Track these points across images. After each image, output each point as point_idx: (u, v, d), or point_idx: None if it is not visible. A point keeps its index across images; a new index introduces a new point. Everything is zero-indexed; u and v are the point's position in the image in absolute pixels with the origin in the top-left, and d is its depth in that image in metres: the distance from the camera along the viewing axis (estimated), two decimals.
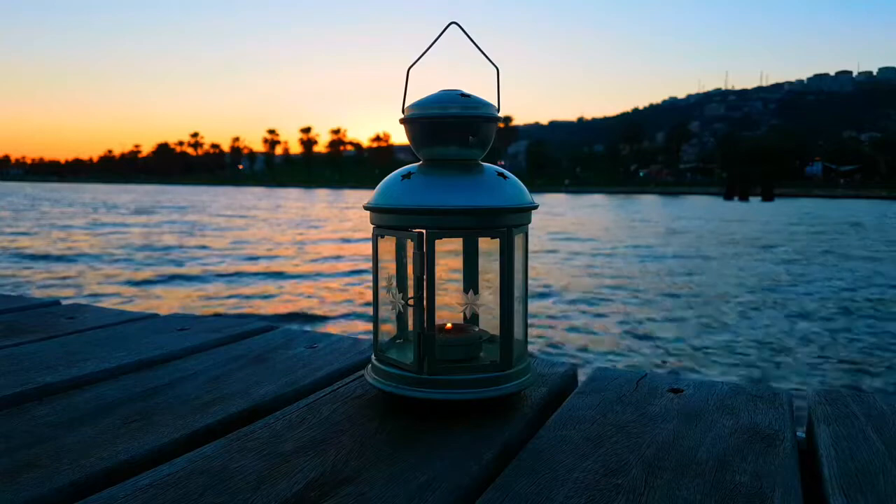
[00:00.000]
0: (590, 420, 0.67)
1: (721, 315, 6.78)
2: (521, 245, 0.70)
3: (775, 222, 22.21)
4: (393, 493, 0.51)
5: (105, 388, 0.75)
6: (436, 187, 0.68)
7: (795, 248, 13.67)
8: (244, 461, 0.57)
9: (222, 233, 16.04)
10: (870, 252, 13.04)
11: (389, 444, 0.61)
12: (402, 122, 0.72)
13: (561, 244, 13.51)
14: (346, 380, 0.79)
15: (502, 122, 0.76)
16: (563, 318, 6.44)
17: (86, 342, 0.94)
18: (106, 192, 54.37)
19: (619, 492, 0.52)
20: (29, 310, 1.17)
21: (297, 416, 0.67)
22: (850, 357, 5.21)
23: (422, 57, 0.71)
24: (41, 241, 12.88)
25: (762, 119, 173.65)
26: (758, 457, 0.59)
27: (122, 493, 0.51)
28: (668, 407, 0.71)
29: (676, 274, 9.70)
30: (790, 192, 61.24)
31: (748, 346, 5.56)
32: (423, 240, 0.66)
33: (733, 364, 4.99)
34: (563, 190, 76.30)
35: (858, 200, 50.85)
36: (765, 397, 0.74)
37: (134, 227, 17.23)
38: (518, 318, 0.70)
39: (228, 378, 0.79)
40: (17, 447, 0.59)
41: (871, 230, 17.52)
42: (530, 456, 0.58)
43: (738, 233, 17.30)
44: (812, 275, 9.81)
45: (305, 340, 0.96)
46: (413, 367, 0.67)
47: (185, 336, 0.98)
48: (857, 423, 0.66)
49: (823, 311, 7.10)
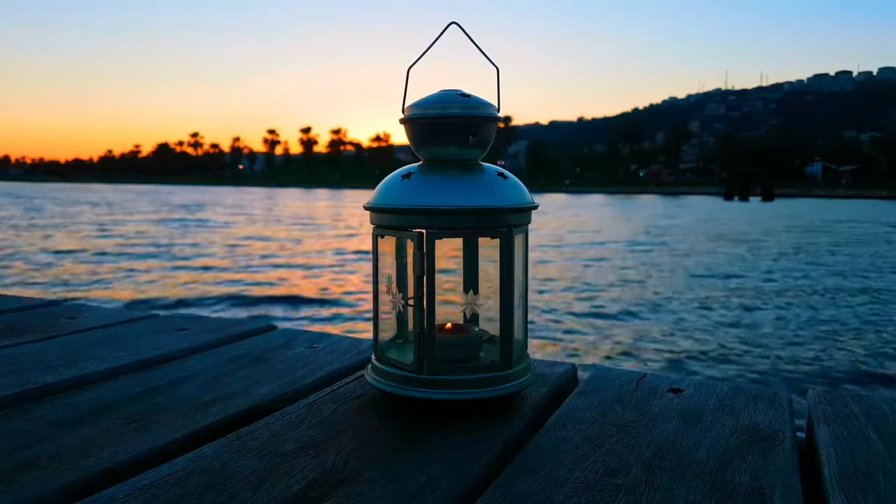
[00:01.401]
0: (590, 420, 0.67)
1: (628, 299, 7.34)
2: (521, 245, 0.70)
3: (762, 221, 22.53)
4: (393, 493, 0.51)
5: (105, 388, 0.75)
6: (436, 187, 0.68)
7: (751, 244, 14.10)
8: (244, 461, 0.57)
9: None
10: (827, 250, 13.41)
11: (389, 444, 0.61)
12: (402, 122, 0.72)
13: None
14: (346, 380, 0.79)
15: (502, 122, 0.76)
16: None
17: (86, 342, 0.94)
18: (137, 191, 53.66)
19: (619, 492, 0.52)
20: (29, 310, 1.17)
21: (297, 416, 0.67)
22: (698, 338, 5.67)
23: (422, 57, 0.71)
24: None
25: (762, 119, 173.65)
26: (758, 457, 0.59)
27: (123, 493, 0.51)
28: (668, 407, 0.71)
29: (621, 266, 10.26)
30: (790, 193, 61.27)
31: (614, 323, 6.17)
32: (423, 240, 0.66)
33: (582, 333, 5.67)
34: (563, 190, 76.31)
35: (859, 200, 50.89)
36: (765, 397, 0.74)
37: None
38: (518, 318, 0.70)
39: (228, 378, 0.79)
40: (17, 447, 0.59)
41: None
42: (530, 456, 0.58)
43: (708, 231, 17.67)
44: (750, 268, 10.26)
45: (305, 340, 0.96)
46: (413, 367, 0.67)
47: (185, 336, 0.98)
48: (857, 423, 0.66)
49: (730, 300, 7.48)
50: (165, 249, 11.79)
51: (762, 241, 14.93)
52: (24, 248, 11.64)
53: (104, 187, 73.70)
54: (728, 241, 14.52)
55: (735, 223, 20.88)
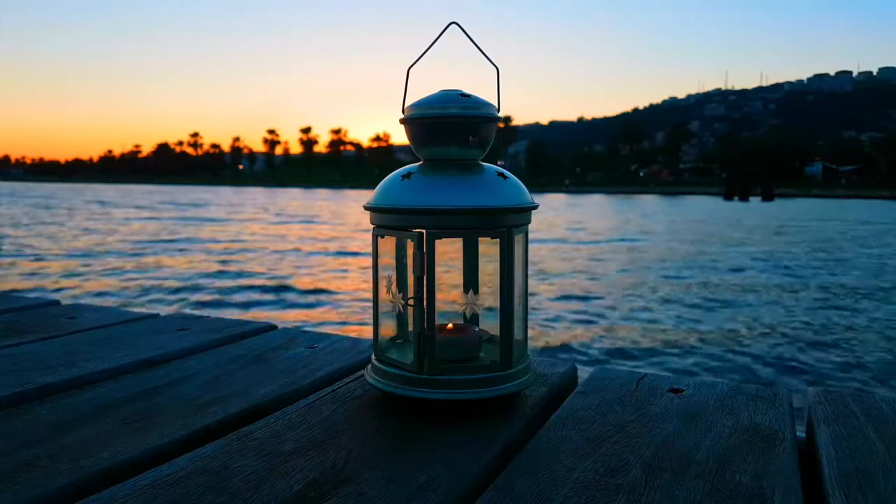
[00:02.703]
0: (590, 420, 0.67)
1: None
2: (521, 245, 0.70)
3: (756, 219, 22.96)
4: (393, 493, 0.51)
5: (105, 388, 0.75)
6: (436, 187, 0.68)
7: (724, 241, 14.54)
8: (244, 461, 0.57)
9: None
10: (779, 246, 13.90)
11: (389, 444, 0.61)
12: (402, 122, 0.72)
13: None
14: (345, 380, 0.79)
15: (502, 122, 0.76)
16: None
17: (86, 342, 0.94)
18: (155, 192, 53.38)
19: (619, 492, 0.52)
20: (29, 310, 1.17)
21: (297, 417, 0.67)
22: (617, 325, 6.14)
23: (422, 57, 0.71)
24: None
25: (762, 119, 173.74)
26: (758, 457, 0.58)
27: (123, 493, 0.51)
28: (668, 407, 0.71)
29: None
30: (790, 192, 61.29)
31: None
32: (423, 240, 0.66)
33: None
34: (563, 190, 76.28)
35: (859, 200, 50.91)
36: (765, 397, 0.74)
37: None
38: (518, 318, 0.70)
39: (228, 378, 0.79)
40: (17, 447, 0.59)
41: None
42: (530, 456, 0.58)
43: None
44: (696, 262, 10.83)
45: (305, 340, 0.96)
46: (413, 367, 0.67)
47: (185, 336, 0.98)
48: (857, 423, 0.66)
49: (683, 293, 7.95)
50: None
51: (739, 239, 15.37)
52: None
53: (104, 187, 73.61)
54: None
55: (723, 222, 21.21)
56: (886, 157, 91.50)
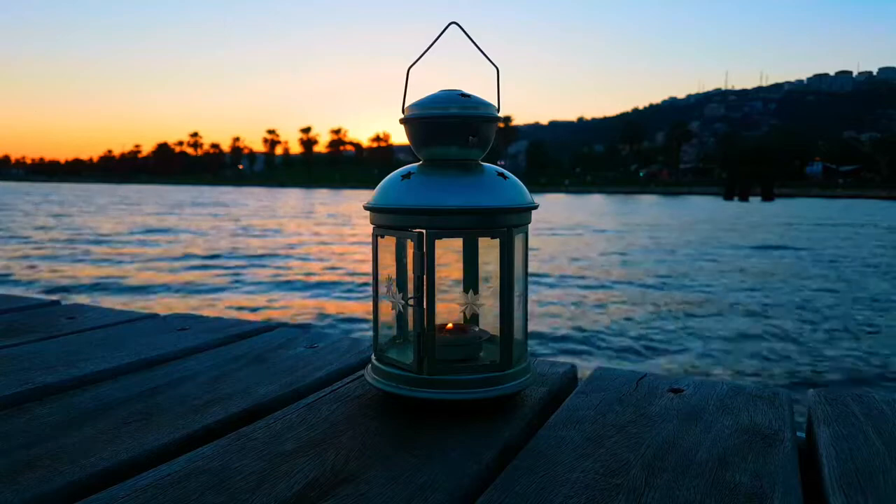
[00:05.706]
0: (590, 420, 0.67)
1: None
2: (520, 245, 0.70)
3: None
4: (393, 493, 0.51)
5: (105, 388, 0.75)
6: (436, 187, 0.68)
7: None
8: (244, 461, 0.57)
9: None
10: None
11: (389, 444, 0.61)
12: (402, 122, 0.72)
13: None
14: (346, 380, 0.79)
15: (502, 122, 0.76)
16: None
17: (86, 342, 0.94)
18: (165, 193, 52.92)
19: (619, 492, 0.52)
20: (29, 310, 1.17)
21: (297, 417, 0.67)
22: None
23: (422, 57, 0.71)
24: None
25: (762, 119, 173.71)
26: (758, 457, 0.58)
27: (122, 493, 0.51)
28: (668, 407, 0.71)
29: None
30: (790, 192, 61.28)
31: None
32: (423, 240, 0.66)
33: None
34: (563, 190, 76.26)
35: (858, 200, 50.88)
36: (765, 397, 0.74)
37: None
38: (518, 318, 0.70)
39: (228, 378, 0.79)
40: (17, 447, 0.59)
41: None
42: (530, 456, 0.58)
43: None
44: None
45: (305, 340, 0.96)
46: (413, 367, 0.67)
47: (186, 336, 0.98)
48: (857, 423, 0.66)
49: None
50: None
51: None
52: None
53: (105, 187, 73.42)
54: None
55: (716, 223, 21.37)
56: (886, 157, 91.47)
